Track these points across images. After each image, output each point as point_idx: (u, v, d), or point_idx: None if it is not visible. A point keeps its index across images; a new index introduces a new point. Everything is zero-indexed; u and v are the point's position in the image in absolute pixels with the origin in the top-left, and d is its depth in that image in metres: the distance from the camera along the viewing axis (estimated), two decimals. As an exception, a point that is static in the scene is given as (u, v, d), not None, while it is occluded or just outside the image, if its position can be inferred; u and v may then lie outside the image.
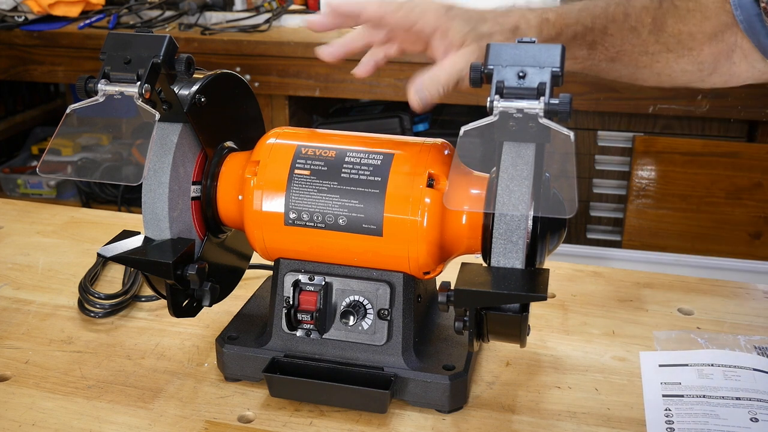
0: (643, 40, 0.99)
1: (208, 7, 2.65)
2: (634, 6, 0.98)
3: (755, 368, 0.92)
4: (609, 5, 0.98)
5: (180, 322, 1.02)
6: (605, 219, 2.45)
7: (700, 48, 0.99)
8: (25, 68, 2.61)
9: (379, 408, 0.84)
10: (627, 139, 2.35)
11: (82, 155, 2.82)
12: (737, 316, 1.06)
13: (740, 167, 2.23)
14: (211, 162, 0.90)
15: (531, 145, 0.75)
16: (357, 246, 0.84)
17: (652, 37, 0.99)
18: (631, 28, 0.98)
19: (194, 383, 0.92)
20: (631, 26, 0.98)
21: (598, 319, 1.06)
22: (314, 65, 2.36)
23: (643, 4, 0.98)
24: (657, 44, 0.99)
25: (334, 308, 0.87)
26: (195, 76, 0.85)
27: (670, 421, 0.84)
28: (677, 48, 0.99)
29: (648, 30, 0.98)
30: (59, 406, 0.88)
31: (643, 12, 0.98)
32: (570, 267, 1.19)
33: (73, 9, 2.67)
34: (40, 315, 1.07)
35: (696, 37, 0.98)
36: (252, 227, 0.86)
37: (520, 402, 0.89)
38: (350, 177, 0.83)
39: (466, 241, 0.83)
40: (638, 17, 0.98)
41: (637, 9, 0.98)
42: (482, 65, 0.75)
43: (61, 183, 2.91)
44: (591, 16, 0.96)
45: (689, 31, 0.98)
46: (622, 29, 0.98)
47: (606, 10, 0.97)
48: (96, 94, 0.78)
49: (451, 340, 0.91)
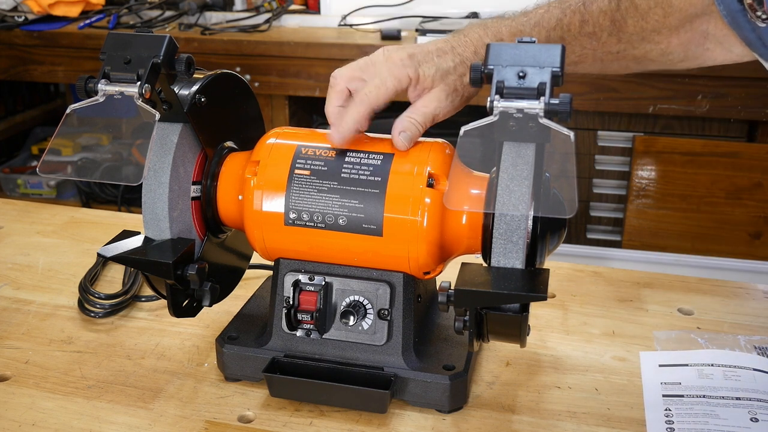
0: (603, 42, 0.99)
1: (208, 7, 2.65)
2: (591, 11, 0.98)
3: (755, 368, 0.92)
4: (564, 14, 0.98)
5: (180, 322, 1.02)
6: (605, 219, 2.45)
7: (667, 41, 0.99)
8: (25, 68, 2.61)
9: (379, 408, 0.84)
10: (627, 139, 2.35)
11: (82, 155, 2.82)
12: (737, 316, 1.06)
13: (740, 167, 2.23)
14: (211, 162, 0.90)
15: (531, 145, 0.75)
16: (357, 246, 0.84)
17: (613, 39, 0.99)
18: (589, 34, 0.98)
19: (194, 383, 0.92)
20: (588, 32, 0.98)
21: (598, 319, 1.06)
22: (314, 65, 2.36)
23: (600, 8, 0.98)
24: (620, 43, 0.99)
25: (334, 308, 0.87)
26: (195, 76, 0.85)
27: (670, 421, 0.84)
28: (641, 44, 0.99)
29: (608, 32, 0.98)
30: (59, 406, 0.88)
31: (600, 16, 0.98)
32: (570, 267, 1.19)
33: (73, 9, 2.67)
34: (40, 315, 1.07)
35: (661, 31, 0.98)
36: (252, 227, 0.86)
37: (520, 402, 0.89)
38: (350, 177, 0.83)
39: (466, 241, 0.83)
40: (596, 22, 0.98)
41: (595, 14, 0.98)
42: (482, 65, 0.75)
43: (61, 183, 2.91)
44: (546, 30, 0.97)
45: (652, 28, 0.98)
46: (579, 37, 0.98)
47: (561, 21, 0.97)
48: (96, 94, 0.78)
49: (451, 340, 0.91)
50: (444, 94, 0.87)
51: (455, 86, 0.88)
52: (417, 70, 0.87)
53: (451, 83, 0.88)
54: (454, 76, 0.89)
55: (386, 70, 0.87)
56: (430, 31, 2.36)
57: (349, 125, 0.85)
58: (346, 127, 0.85)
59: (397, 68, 0.86)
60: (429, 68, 0.87)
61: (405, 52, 0.88)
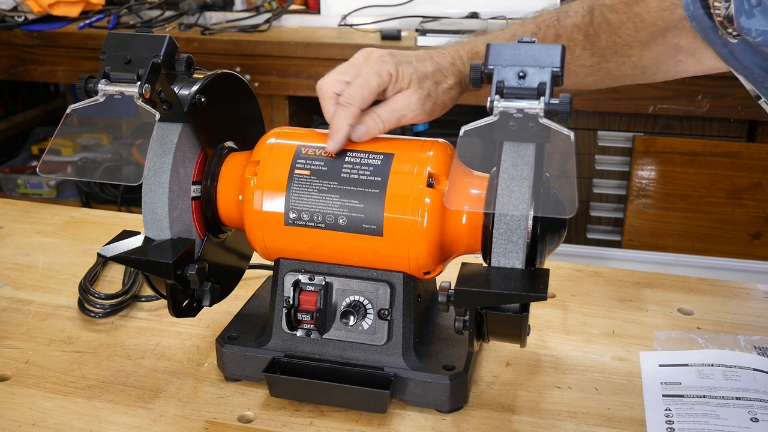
0: (577, 56, 1.01)
1: (208, 7, 2.65)
2: (565, 26, 1.00)
3: (755, 368, 0.92)
4: (539, 29, 1.00)
5: (180, 322, 1.02)
6: (605, 219, 2.45)
7: (639, 54, 1.01)
8: (25, 68, 2.61)
9: (379, 408, 0.84)
10: (627, 139, 2.35)
11: (82, 155, 2.82)
12: (737, 316, 1.06)
13: (740, 167, 2.23)
14: (211, 162, 0.90)
15: (531, 145, 0.75)
16: (357, 246, 0.84)
17: (586, 53, 1.01)
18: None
19: (194, 383, 0.92)
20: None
21: (598, 319, 1.06)
22: (314, 65, 2.36)
23: (574, 23, 1.00)
24: (593, 57, 1.01)
25: (334, 308, 0.87)
26: (195, 76, 0.85)
27: (670, 421, 0.84)
28: (614, 57, 1.01)
29: (581, 47, 1.00)
30: (59, 406, 0.88)
31: (574, 30, 1.00)
32: (570, 267, 1.19)
33: (73, 9, 2.67)
34: (40, 315, 1.07)
35: (633, 45, 1.00)
36: (252, 227, 0.86)
37: (520, 402, 0.89)
38: (350, 177, 0.83)
39: (466, 241, 0.83)
40: (570, 36, 1.00)
41: (569, 29, 1.00)
42: (482, 65, 0.75)
43: (61, 183, 2.91)
44: None
45: (624, 42, 1.00)
46: None
47: (535, 35, 0.99)
48: (96, 94, 0.78)
49: (451, 340, 0.91)
50: (416, 97, 0.88)
51: (429, 91, 0.89)
52: (397, 68, 0.87)
53: (426, 88, 0.89)
54: (430, 82, 0.89)
55: (368, 68, 0.87)
56: (430, 31, 2.36)
57: (341, 129, 0.84)
58: (337, 132, 0.84)
59: (378, 65, 0.87)
60: (407, 68, 0.88)
61: (385, 51, 0.89)
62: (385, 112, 0.87)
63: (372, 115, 0.86)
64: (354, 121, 0.85)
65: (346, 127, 0.84)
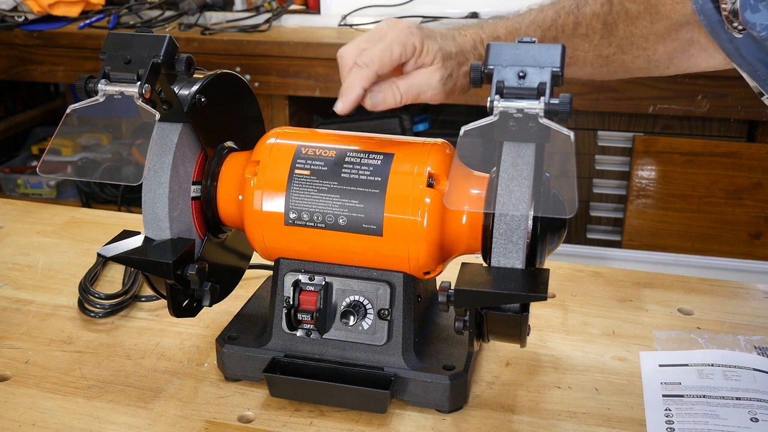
0: (595, 45, 1.01)
1: (208, 7, 2.65)
2: (584, 14, 1.00)
3: (755, 368, 0.92)
4: (559, 15, 0.99)
5: (180, 322, 1.02)
6: (605, 219, 2.45)
7: (654, 48, 1.01)
8: (25, 68, 2.61)
9: (379, 408, 0.84)
10: (627, 139, 2.35)
11: (82, 155, 2.82)
12: (737, 316, 1.06)
13: (740, 167, 2.23)
14: (211, 162, 0.90)
15: (531, 145, 0.75)
16: (357, 246, 0.84)
17: (604, 42, 1.01)
18: (582, 36, 1.00)
19: (194, 383, 0.92)
20: (582, 34, 1.00)
21: (598, 319, 1.06)
22: (314, 65, 2.36)
23: (593, 11, 1.00)
24: (610, 47, 1.01)
25: (334, 308, 0.87)
26: (195, 76, 0.85)
27: (670, 421, 0.84)
28: (631, 49, 1.01)
29: (599, 35, 1.00)
30: (59, 406, 0.88)
31: (593, 19, 1.00)
32: (570, 267, 1.19)
33: (73, 9, 2.67)
34: (40, 315, 1.07)
35: (648, 38, 1.00)
36: (252, 227, 0.86)
37: (520, 402, 0.89)
38: (350, 177, 0.83)
39: (466, 241, 0.83)
40: (589, 24, 1.00)
41: (588, 16, 1.00)
42: (482, 65, 0.75)
43: (61, 183, 2.91)
44: (541, 29, 0.98)
45: (641, 33, 1.00)
46: (572, 38, 1.00)
47: (556, 22, 0.99)
48: (96, 94, 0.78)
49: (451, 340, 0.91)
50: (439, 75, 0.87)
51: (452, 71, 0.88)
52: (423, 42, 0.86)
53: (449, 67, 0.88)
54: (453, 62, 0.89)
55: (393, 35, 0.85)
56: (430, 31, 2.36)
57: (353, 89, 0.81)
58: (348, 91, 0.81)
59: (405, 35, 0.85)
60: (433, 44, 0.86)
61: (412, 23, 0.87)
62: (404, 84, 0.85)
63: (391, 85, 0.84)
64: (368, 84, 0.82)
65: (359, 89, 0.81)
